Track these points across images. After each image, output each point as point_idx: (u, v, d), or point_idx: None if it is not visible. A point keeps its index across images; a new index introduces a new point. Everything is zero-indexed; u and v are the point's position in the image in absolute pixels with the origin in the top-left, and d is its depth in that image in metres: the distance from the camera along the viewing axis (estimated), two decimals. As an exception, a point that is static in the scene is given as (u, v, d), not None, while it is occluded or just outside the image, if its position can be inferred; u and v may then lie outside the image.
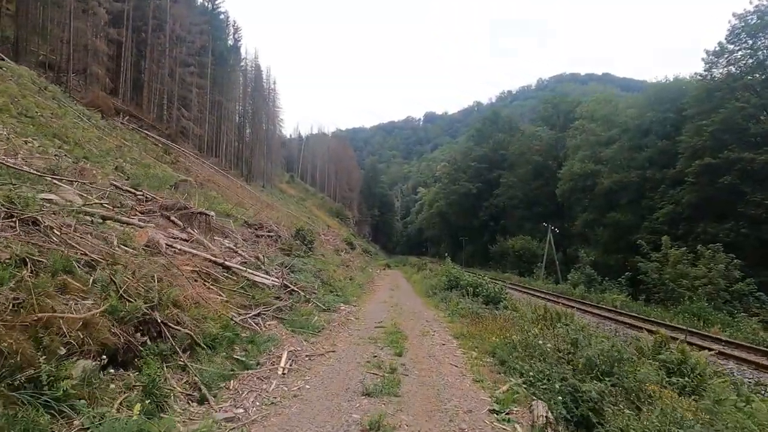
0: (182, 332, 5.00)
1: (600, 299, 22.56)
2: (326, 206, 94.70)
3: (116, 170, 18.44)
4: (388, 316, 12.06)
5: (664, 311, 18.52)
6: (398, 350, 7.59)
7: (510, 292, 15.05)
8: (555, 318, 9.27)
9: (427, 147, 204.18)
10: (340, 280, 18.55)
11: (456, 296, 15.86)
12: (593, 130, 47.18)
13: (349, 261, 29.82)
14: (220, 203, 23.28)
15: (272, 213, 32.56)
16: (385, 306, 14.86)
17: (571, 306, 19.40)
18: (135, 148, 29.04)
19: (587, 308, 19.64)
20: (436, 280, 23.03)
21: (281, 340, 7.07)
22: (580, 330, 7.33)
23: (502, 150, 67.41)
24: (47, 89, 28.38)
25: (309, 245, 19.30)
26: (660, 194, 36.87)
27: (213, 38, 58.64)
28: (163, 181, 20.69)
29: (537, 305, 13.08)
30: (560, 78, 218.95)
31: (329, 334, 8.60)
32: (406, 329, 9.98)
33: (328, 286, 13.88)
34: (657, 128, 40.07)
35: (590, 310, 18.51)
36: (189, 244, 9.55)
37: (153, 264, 5.92)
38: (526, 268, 45.34)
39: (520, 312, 11.41)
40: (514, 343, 7.52)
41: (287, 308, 8.99)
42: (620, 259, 39.65)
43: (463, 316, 12.45)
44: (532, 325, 8.87)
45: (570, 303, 21.37)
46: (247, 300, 8.17)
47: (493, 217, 65.28)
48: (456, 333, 9.61)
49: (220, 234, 14.06)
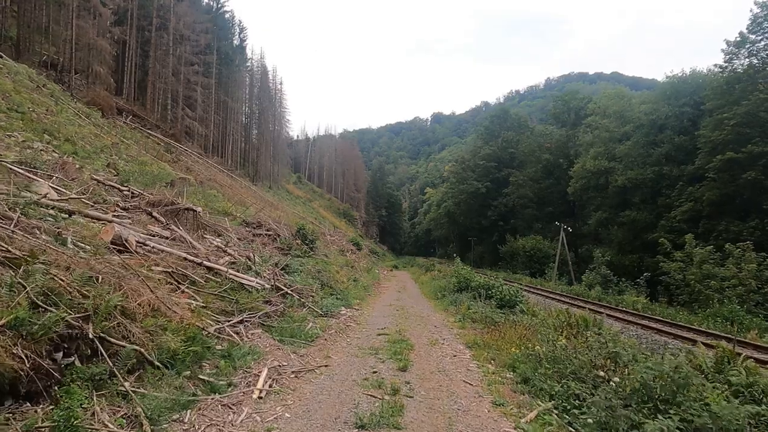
0: (128, 349, 3.97)
1: (618, 301, 21.25)
2: (333, 207, 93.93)
3: (108, 167, 17.63)
4: (393, 322, 10.99)
5: (691, 314, 17.22)
6: (402, 364, 6.51)
7: (523, 294, 13.89)
8: (581, 325, 8.13)
9: (435, 147, 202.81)
10: (343, 282, 17.50)
11: (467, 299, 14.75)
12: (606, 126, 45.74)
13: (355, 262, 28.75)
14: (219, 201, 22.40)
15: (275, 213, 31.63)
16: (390, 309, 13.78)
17: (592, 309, 18.21)
18: (134, 147, 28.31)
19: (606, 311, 18.37)
20: (445, 281, 21.92)
21: (264, 353, 6.01)
22: (617, 340, 6.20)
23: (511, 148, 66.02)
24: (45, 87, 27.83)
25: (310, 245, 18.28)
26: (678, 191, 35.41)
27: (218, 38, 58.09)
28: (157, 179, 19.83)
29: (556, 309, 11.91)
30: (569, 77, 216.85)
31: (324, 344, 7.53)
32: (412, 337, 8.90)
33: (329, 288, 12.84)
34: (673, 123, 38.59)
35: (610, 314, 17.24)
36: (168, 242, 8.55)
37: (104, 264, 4.91)
38: (537, 268, 43.95)
39: (540, 317, 10.26)
40: (538, 355, 6.40)
41: (277, 314, 7.94)
42: (636, 259, 38.27)
43: (475, 321, 11.34)
44: (556, 333, 7.74)
45: (587, 305, 20.12)
46: (230, 305, 7.14)
47: (503, 216, 63.86)
48: (469, 342, 8.50)
49: (212, 232, 13.08)
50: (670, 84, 40.96)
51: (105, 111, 32.70)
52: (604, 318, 8.57)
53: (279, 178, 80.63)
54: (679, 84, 39.67)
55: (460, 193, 70.18)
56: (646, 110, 42.94)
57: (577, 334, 7.66)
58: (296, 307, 9.08)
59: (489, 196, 65.17)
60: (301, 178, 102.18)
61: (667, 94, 40.69)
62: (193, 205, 11.28)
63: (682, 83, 39.69)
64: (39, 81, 27.81)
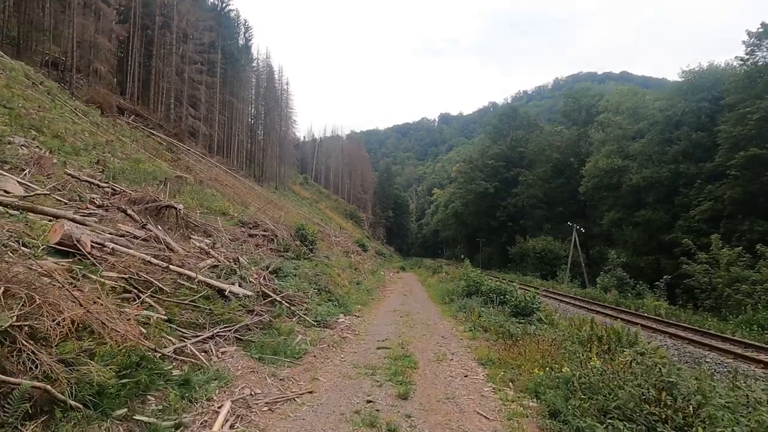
0: (24, 386, 2.92)
1: (638, 306, 19.94)
2: (340, 208, 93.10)
3: (97, 164, 16.75)
4: (396, 331, 9.89)
5: (721, 322, 15.91)
6: (403, 389, 5.41)
7: (540, 300, 12.65)
8: (613, 339, 6.96)
9: (443, 148, 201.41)
10: (344, 286, 16.44)
11: (477, 304, 13.60)
12: (619, 123, 44.28)
13: (359, 263, 27.70)
14: (217, 201, 21.48)
15: (278, 213, 30.67)
16: (393, 316, 12.68)
17: (611, 315, 16.99)
18: (132, 145, 27.52)
19: (627, 316, 17.15)
20: (453, 284, 20.77)
21: (234, 378, 4.95)
22: (666, 361, 5.05)
23: (520, 147, 64.60)
24: (42, 84, 27.26)
25: (310, 246, 17.24)
26: (696, 190, 33.95)
27: (223, 37, 57.43)
28: (150, 177, 18.94)
29: (578, 317, 10.75)
30: (577, 77, 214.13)
31: (312, 362, 6.44)
32: (416, 351, 7.80)
33: (326, 293, 11.76)
34: (690, 119, 37.09)
35: (631, 320, 16.02)
36: (140, 242, 7.53)
37: (27, 270, 3.88)
38: (548, 270, 42.56)
39: (562, 328, 9.11)
40: (568, 379, 5.27)
41: (260, 325, 6.87)
42: (652, 261, 36.85)
43: (487, 330, 10.21)
44: (584, 350, 6.60)
45: (606, 311, 18.90)
46: (202, 316, 6.09)
47: (512, 217, 62.45)
48: (481, 357, 7.38)
49: (202, 233, 12.08)
50: (687, 78, 39.43)
51: (104, 109, 32.04)
52: (639, 330, 7.40)
53: (285, 179, 79.93)
54: (696, 79, 38.16)
55: (468, 193, 68.84)
56: (661, 106, 41.50)
57: (609, 350, 6.51)
58: (285, 317, 8.01)
59: (498, 196, 63.81)
60: (307, 179, 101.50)
61: (683, 90, 39.24)
62: (174, 202, 10.26)
63: (700, 78, 38.18)
64: (36, 78, 27.20)
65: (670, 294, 25.84)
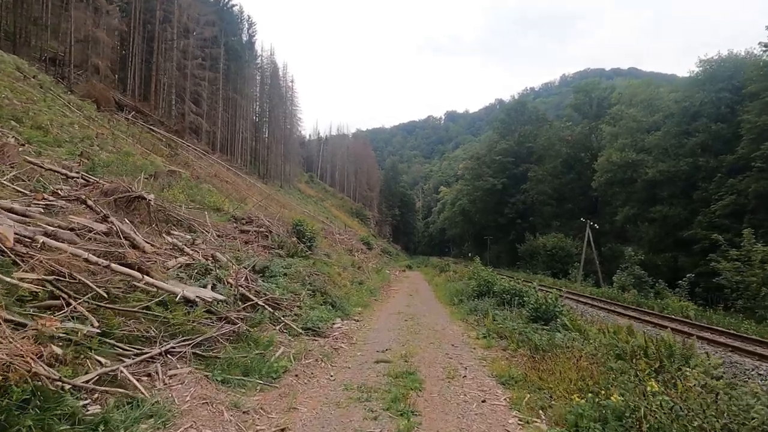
0: None
1: (662, 306, 18.50)
2: (346, 206, 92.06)
3: (80, 156, 15.67)
4: (399, 338, 8.65)
5: (758, 324, 14.50)
6: (405, 423, 4.18)
7: (563, 302, 11.17)
8: (663, 353, 5.66)
9: (449, 146, 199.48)
10: (345, 286, 15.23)
11: (489, 306, 12.33)
12: (633, 115, 42.60)
13: (363, 262, 26.49)
14: (212, 196, 20.35)
15: (279, 210, 29.51)
16: (397, 320, 11.44)
17: (635, 318, 15.61)
18: (126, 140, 26.56)
19: (652, 318, 15.79)
20: (462, 284, 19.50)
21: (179, 414, 3.73)
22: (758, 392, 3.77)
23: (528, 143, 62.97)
24: (35, 77, 26.45)
25: (309, 243, 16.04)
26: (716, 184, 32.32)
27: (226, 33, 56.48)
28: (139, 170, 17.84)
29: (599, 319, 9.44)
30: (584, 73, 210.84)
31: (293, 384, 5.19)
32: (422, 364, 6.56)
33: (323, 295, 10.54)
34: (709, 110, 35.42)
35: (657, 322, 14.65)
36: (95, 236, 6.35)
37: None
38: (559, 268, 41.02)
39: (592, 335, 7.81)
40: (620, 412, 4.00)
41: (232, 337, 5.66)
42: (669, 259, 35.29)
43: (503, 336, 8.96)
44: (628, 366, 5.29)
45: (626, 312, 17.53)
46: (156, 328, 4.89)
47: (520, 214, 60.92)
48: (500, 373, 6.12)
49: (185, 228, 10.93)
50: (704, 69, 37.70)
51: (101, 104, 31.10)
52: (694, 342, 6.08)
53: (291, 177, 78.94)
54: (715, 68, 36.47)
55: (476, 189, 67.30)
56: (677, 98, 39.85)
57: (663, 368, 5.22)
58: (267, 324, 6.80)
59: (506, 192, 62.28)
60: (313, 178, 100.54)
61: (701, 80, 37.54)
62: (145, 192, 9.08)
63: (719, 67, 36.47)
64: (29, 72, 26.41)
65: (691, 293, 24.41)
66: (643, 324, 13.80)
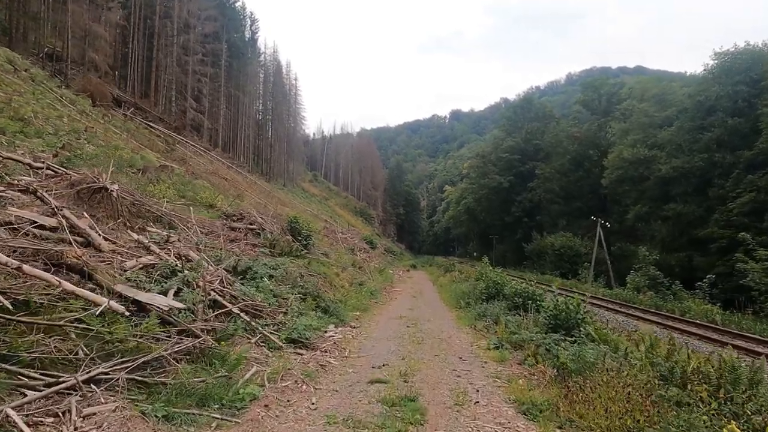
0: None
1: (684, 310, 17.28)
2: (350, 205, 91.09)
3: (62, 148, 14.72)
4: (399, 349, 7.58)
5: (792, 330, 13.33)
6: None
7: (587, 308, 9.80)
8: (726, 377, 4.53)
9: (454, 145, 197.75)
10: (343, 288, 14.19)
11: (500, 310, 11.24)
12: (645, 110, 41.23)
13: (364, 262, 25.45)
14: (204, 192, 19.34)
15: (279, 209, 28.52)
16: (398, 326, 10.37)
17: (658, 323, 14.44)
18: (119, 134, 25.68)
19: (672, 323, 14.63)
20: (468, 285, 18.39)
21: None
22: None
23: (535, 140, 61.64)
24: (27, 71, 25.69)
25: (305, 241, 15.00)
26: (734, 181, 31.00)
27: (227, 29, 55.56)
28: (127, 164, 16.88)
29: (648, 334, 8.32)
30: (591, 72, 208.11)
31: (261, 417, 4.11)
32: (425, 386, 5.48)
33: (316, 298, 9.48)
34: (725, 104, 34.07)
35: (682, 328, 13.49)
36: (30, 230, 5.33)
37: None
38: (568, 268, 39.73)
39: (624, 348, 6.69)
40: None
41: (192, 354, 4.60)
42: (683, 258, 33.96)
43: (517, 346, 7.88)
44: (686, 394, 4.19)
45: (645, 316, 16.36)
46: (86, 346, 3.85)
47: (527, 212, 59.61)
48: (521, 397, 5.03)
49: (164, 224, 9.90)
50: (720, 62, 36.31)
51: (96, 99, 30.27)
52: (764, 362, 5.03)
53: (294, 176, 78.07)
54: (731, 61, 35.10)
55: (481, 188, 66.02)
56: (691, 92, 38.48)
57: (728, 398, 4.10)
58: (241, 335, 5.75)
59: (512, 191, 61.01)
60: (317, 177, 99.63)
61: (716, 73, 36.16)
62: (109, 183, 8.05)
63: (735, 60, 35.10)
64: (21, 65, 25.68)
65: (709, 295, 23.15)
66: (667, 330, 12.65)
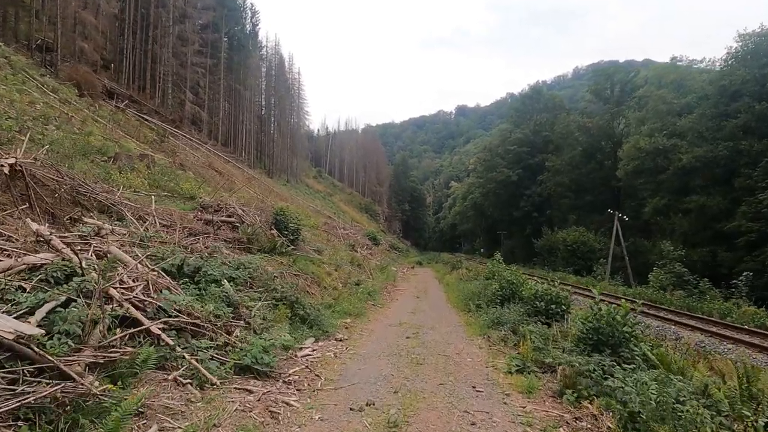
0: None
1: (723, 312, 15.29)
2: (355, 201, 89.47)
3: (18, 132, 13.08)
4: (393, 374, 5.77)
5: None
6: None
7: (637, 319, 7.67)
8: None
9: (460, 140, 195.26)
10: (335, 289, 12.39)
11: (518, 316, 9.39)
12: (663, 97, 38.94)
13: (365, 258, 23.66)
14: (186, 183, 17.64)
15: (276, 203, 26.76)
16: (396, 336, 8.56)
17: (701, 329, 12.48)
18: (107, 125, 24.15)
19: (717, 328, 12.68)
20: (477, 284, 16.51)
21: None
22: None
23: (545, 131, 59.31)
24: (7, 58, 24.29)
25: (293, 236, 13.21)
26: (763, 170, 28.80)
27: (227, 21, 53.86)
28: (95, 151, 15.21)
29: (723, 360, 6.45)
30: (598, 65, 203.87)
31: None
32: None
33: (293, 305, 7.68)
34: (752, 88, 31.81)
35: (737, 337, 11.48)
36: None
37: None
38: (582, 265, 37.55)
39: (701, 379, 4.87)
40: None
41: (55, 409, 2.84)
42: (706, 254, 31.80)
43: (547, 369, 6.04)
44: None
45: (680, 319, 14.41)
46: None
47: (537, 207, 57.43)
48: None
49: (110, 215, 8.16)
50: (744, 44, 34.02)
51: (83, 88, 28.69)
52: None
53: (298, 172, 76.46)
54: (758, 42, 32.79)
55: (489, 182, 63.85)
56: (713, 78, 36.21)
57: None
58: (152, 368, 3.98)
59: (521, 184, 58.82)
60: (321, 173, 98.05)
61: (740, 56, 33.88)
62: (3, 160, 6.28)
63: (761, 41, 32.80)
64: (2, 52, 24.33)
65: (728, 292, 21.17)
66: (717, 340, 10.73)
